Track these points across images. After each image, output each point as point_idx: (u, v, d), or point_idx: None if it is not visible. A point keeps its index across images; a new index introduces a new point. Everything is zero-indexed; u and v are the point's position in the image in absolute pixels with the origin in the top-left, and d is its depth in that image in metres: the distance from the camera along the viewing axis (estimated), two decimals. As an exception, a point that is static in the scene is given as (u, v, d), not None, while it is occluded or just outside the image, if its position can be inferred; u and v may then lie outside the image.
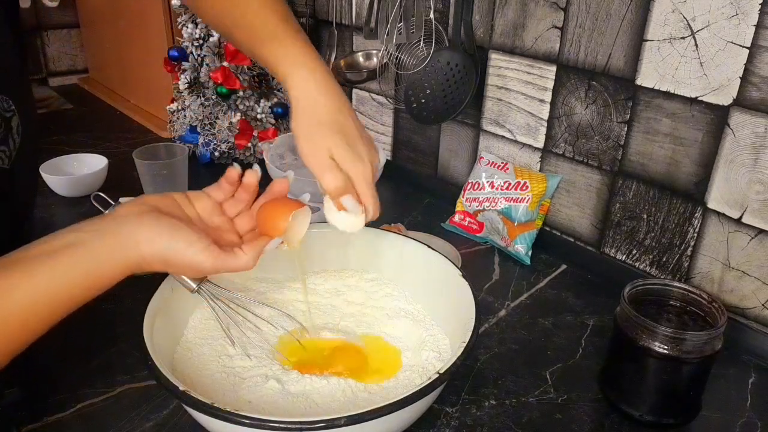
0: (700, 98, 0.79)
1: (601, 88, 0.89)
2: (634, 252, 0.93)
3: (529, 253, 0.99)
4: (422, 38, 1.03)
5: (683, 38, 0.78)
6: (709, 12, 0.75)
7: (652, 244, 0.90)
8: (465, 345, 0.60)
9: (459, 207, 1.08)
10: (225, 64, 1.23)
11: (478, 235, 1.05)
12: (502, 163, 1.04)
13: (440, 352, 0.70)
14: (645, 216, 0.90)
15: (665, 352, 0.64)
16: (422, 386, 0.55)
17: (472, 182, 1.07)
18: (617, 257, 0.95)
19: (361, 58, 1.23)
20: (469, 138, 1.12)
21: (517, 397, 0.72)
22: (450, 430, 0.67)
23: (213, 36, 1.22)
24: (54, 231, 0.52)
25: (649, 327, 0.64)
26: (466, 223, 1.06)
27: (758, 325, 0.81)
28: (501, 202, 1.02)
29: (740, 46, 0.73)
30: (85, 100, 1.75)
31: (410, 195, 1.21)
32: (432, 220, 1.11)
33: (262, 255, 0.60)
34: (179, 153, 1.13)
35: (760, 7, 0.71)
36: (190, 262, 0.55)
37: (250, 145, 1.28)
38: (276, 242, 0.61)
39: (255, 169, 0.63)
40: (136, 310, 0.64)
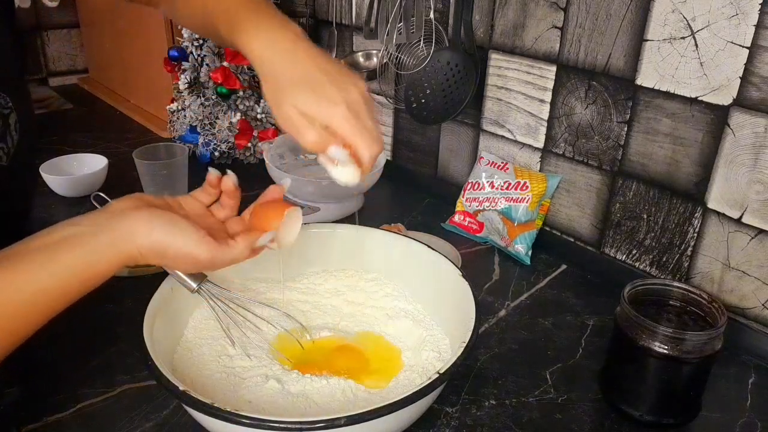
0: (700, 98, 0.79)
1: (601, 88, 0.89)
2: (634, 252, 0.93)
3: (529, 253, 0.99)
4: (422, 38, 1.03)
5: (683, 38, 0.78)
6: (709, 12, 0.75)
7: (652, 244, 0.90)
8: (465, 345, 0.60)
9: (459, 207, 1.08)
10: (225, 64, 1.23)
11: (478, 235, 1.05)
12: (502, 163, 1.04)
13: (440, 352, 0.70)
14: (645, 216, 0.90)
15: (665, 352, 0.64)
16: (422, 386, 0.55)
17: (472, 182, 1.07)
18: (617, 257, 0.95)
19: (361, 58, 1.23)
20: (469, 138, 1.12)
21: (517, 397, 0.72)
22: (450, 430, 0.67)
23: (213, 36, 1.22)
24: None
25: (649, 327, 0.64)
26: (466, 223, 1.06)
27: (758, 325, 0.81)
28: (501, 202, 1.02)
29: (740, 46, 0.73)
30: (85, 100, 1.75)
31: (410, 195, 1.21)
32: (432, 220, 1.11)
33: (257, 249, 0.60)
34: (179, 153, 1.13)
35: (760, 7, 0.71)
36: (187, 253, 0.55)
37: (250, 145, 1.28)
38: (269, 235, 0.61)
39: (230, 174, 0.62)
40: (136, 310, 0.64)
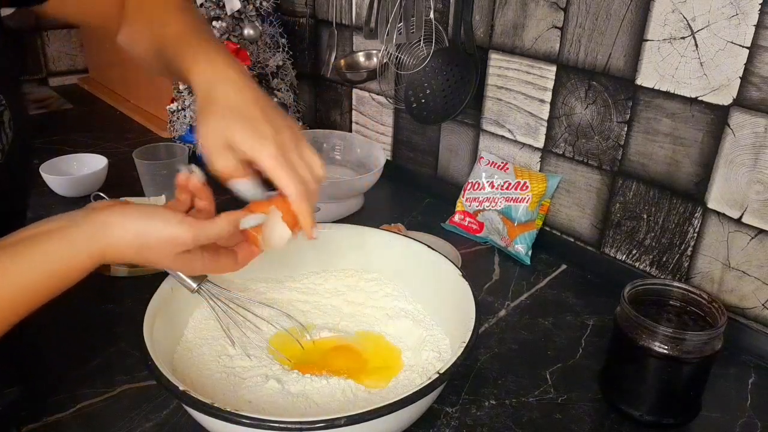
0: (700, 98, 0.79)
1: (601, 88, 0.89)
2: (634, 252, 0.93)
3: (529, 253, 0.99)
4: (422, 38, 1.03)
5: (683, 38, 0.78)
6: (709, 12, 0.75)
7: (652, 244, 0.90)
8: (465, 345, 0.60)
9: (459, 207, 1.08)
10: (225, 64, 1.23)
11: (478, 235, 1.05)
12: (502, 163, 1.04)
13: (440, 352, 0.70)
14: (645, 216, 0.90)
15: (665, 352, 0.64)
16: (422, 386, 0.55)
17: (472, 182, 1.07)
18: (617, 257, 0.95)
19: (361, 58, 1.23)
20: (469, 138, 1.12)
21: (517, 397, 0.72)
22: (450, 430, 0.67)
23: (213, 36, 1.22)
24: None
25: (649, 327, 0.64)
26: (466, 223, 1.06)
27: (758, 325, 0.81)
28: (501, 202, 1.02)
29: (740, 46, 0.73)
30: (85, 100, 1.75)
31: (410, 195, 1.21)
32: (432, 220, 1.11)
33: (248, 246, 0.60)
34: (179, 153, 1.13)
35: (760, 7, 0.71)
36: (169, 236, 0.54)
37: (250, 145, 1.27)
38: (256, 217, 0.59)
39: (194, 170, 0.61)
40: (136, 310, 0.64)
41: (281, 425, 0.51)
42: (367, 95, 1.29)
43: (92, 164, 1.21)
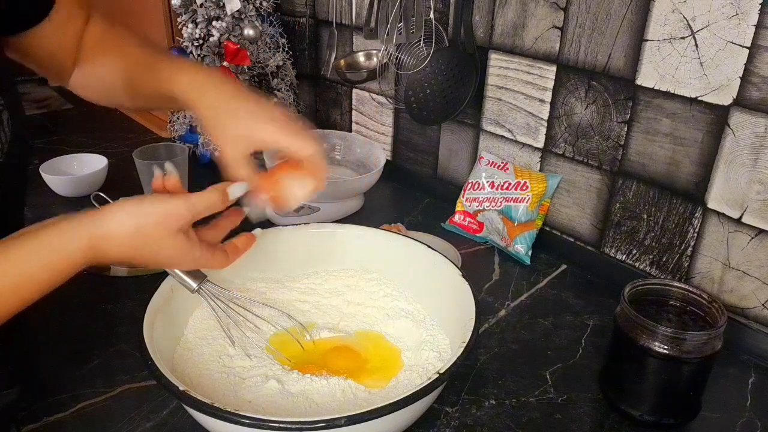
0: (700, 98, 0.79)
1: (601, 88, 0.89)
2: (634, 252, 0.93)
3: (529, 253, 0.99)
4: (422, 38, 1.03)
5: (683, 38, 0.78)
6: (709, 12, 0.75)
7: (652, 244, 0.90)
8: (465, 345, 0.60)
9: (459, 207, 1.08)
10: (225, 64, 1.23)
11: (478, 235, 1.05)
12: (502, 163, 1.04)
13: (440, 352, 0.70)
14: (645, 216, 0.90)
15: (665, 352, 0.64)
16: (422, 386, 0.55)
17: (472, 182, 1.07)
18: (617, 257, 0.95)
19: (361, 58, 1.23)
20: (469, 138, 1.12)
21: (517, 397, 0.72)
22: (450, 430, 0.67)
23: (213, 36, 1.22)
24: None
25: (649, 327, 0.64)
26: (466, 223, 1.06)
27: (758, 325, 0.81)
28: (501, 202, 1.02)
29: (740, 46, 0.73)
30: (85, 101, 1.75)
31: (410, 195, 1.21)
32: (432, 220, 1.11)
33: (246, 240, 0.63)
34: (179, 153, 1.14)
35: (760, 7, 0.71)
36: (164, 212, 0.55)
37: (250, 145, 1.27)
38: (242, 186, 0.60)
39: (168, 168, 0.61)
40: (136, 310, 0.64)
41: (281, 425, 0.51)
42: (367, 95, 1.29)
43: (92, 164, 1.21)
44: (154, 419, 0.67)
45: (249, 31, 1.22)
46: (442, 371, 0.57)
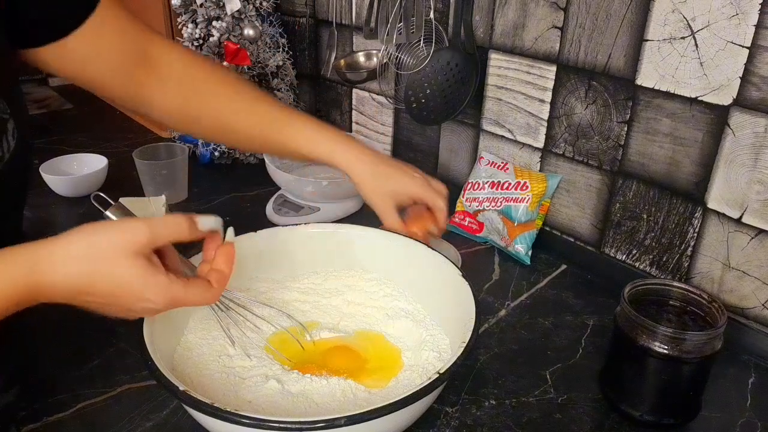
0: (700, 98, 0.79)
1: (601, 88, 0.89)
2: (634, 252, 0.93)
3: (529, 253, 0.99)
4: (422, 38, 1.03)
5: (683, 38, 0.78)
6: (709, 12, 0.75)
7: (652, 244, 0.90)
8: (465, 345, 0.60)
9: (459, 207, 1.08)
10: (225, 64, 1.23)
11: (478, 235, 1.05)
12: (502, 163, 1.04)
13: (440, 352, 0.70)
14: (645, 216, 0.90)
15: (665, 352, 0.64)
16: (422, 386, 0.55)
17: (472, 182, 1.07)
18: (617, 257, 0.95)
19: (361, 58, 1.23)
20: (469, 138, 1.12)
21: (517, 397, 0.72)
22: (450, 430, 0.67)
23: (213, 36, 1.22)
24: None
25: (649, 327, 0.64)
26: (466, 223, 1.06)
27: (758, 325, 0.81)
28: (501, 202, 1.02)
29: (740, 46, 0.73)
30: (85, 100, 1.75)
31: (410, 195, 1.21)
32: (432, 220, 1.11)
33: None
34: (179, 153, 1.13)
35: (760, 7, 0.71)
36: (120, 231, 0.51)
37: (250, 145, 1.28)
38: (210, 219, 0.59)
39: (229, 235, 0.61)
40: (136, 310, 0.64)
41: (281, 425, 0.50)
42: (367, 95, 1.29)
43: (92, 164, 1.21)
44: (154, 419, 0.67)
45: (249, 31, 1.22)
46: (442, 371, 0.57)
